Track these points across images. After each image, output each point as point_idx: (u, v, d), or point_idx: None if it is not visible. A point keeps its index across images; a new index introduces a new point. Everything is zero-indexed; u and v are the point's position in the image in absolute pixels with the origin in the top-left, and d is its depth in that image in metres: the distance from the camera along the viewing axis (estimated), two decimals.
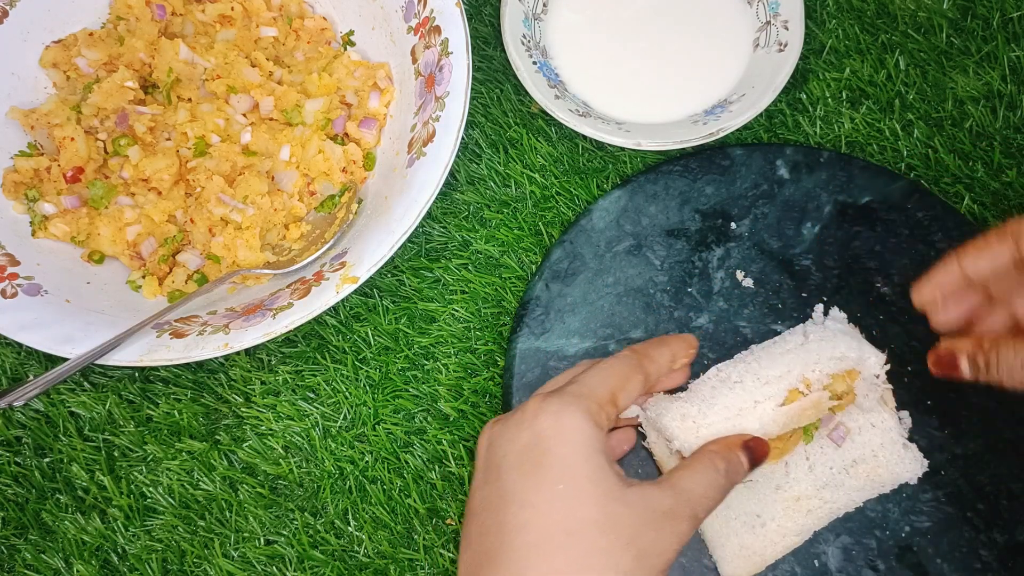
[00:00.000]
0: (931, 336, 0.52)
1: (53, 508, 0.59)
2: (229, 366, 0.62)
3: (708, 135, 0.62)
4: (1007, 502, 0.55)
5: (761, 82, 0.64)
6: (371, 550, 0.58)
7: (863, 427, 0.55)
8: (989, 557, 0.54)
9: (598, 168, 0.66)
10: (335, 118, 0.66)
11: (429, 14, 0.62)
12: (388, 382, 0.61)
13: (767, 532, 0.54)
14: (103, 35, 0.67)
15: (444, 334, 0.62)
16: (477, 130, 0.68)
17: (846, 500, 0.54)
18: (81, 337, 0.56)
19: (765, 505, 0.54)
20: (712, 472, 0.46)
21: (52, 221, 0.63)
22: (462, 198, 0.66)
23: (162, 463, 0.60)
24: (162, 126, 0.65)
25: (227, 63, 0.66)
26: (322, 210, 0.64)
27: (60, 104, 0.65)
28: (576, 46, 0.69)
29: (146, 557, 0.58)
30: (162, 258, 0.62)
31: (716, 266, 0.62)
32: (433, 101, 0.61)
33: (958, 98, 0.66)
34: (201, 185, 0.63)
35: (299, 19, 0.69)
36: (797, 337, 0.55)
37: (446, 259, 0.64)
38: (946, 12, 0.68)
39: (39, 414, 0.61)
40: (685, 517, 0.44)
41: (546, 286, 0.61)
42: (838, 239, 0.62)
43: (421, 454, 0.60)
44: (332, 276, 0.56)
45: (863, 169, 0.63)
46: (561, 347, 0.60)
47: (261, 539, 0.58)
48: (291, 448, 0.60)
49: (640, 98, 0.67)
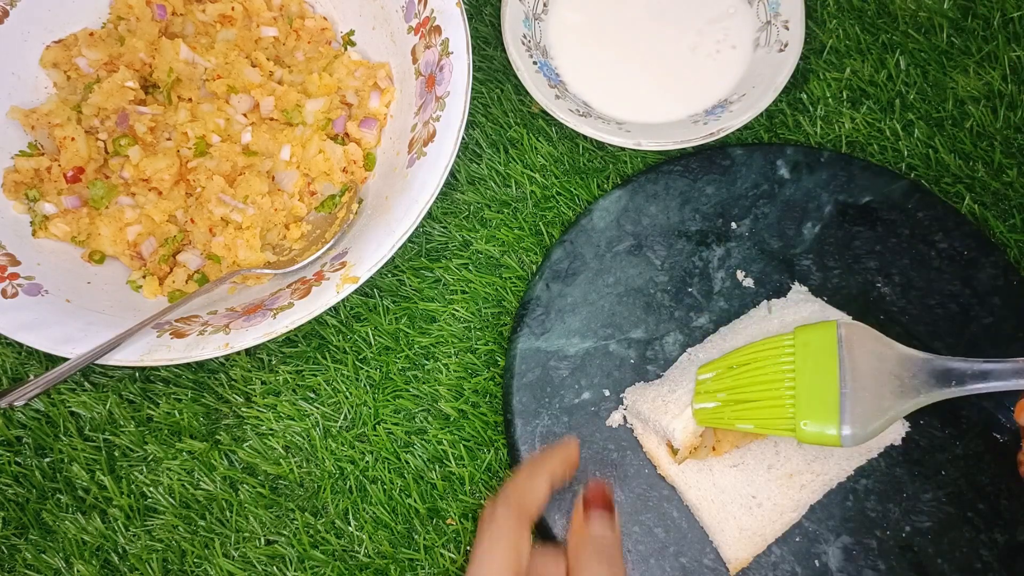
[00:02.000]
0: (931, 336, 0.52)
1: (53, 508, 0.59)
2: (229, 366, 0.62)
3: (708, 135, 0.62)
4: (1007, 502, 0.55)
5: (762, 82, 0.64)
6: (371, 550, 0.58)
7: None
8: (989, 557, 0.54)
9: (598, 168, 0.66)
10: (335, 118, 0.66)
11: (429, 14, 0.62)
12: (388, 382, 0.61)
13: (764, 512, 0.55)
14: (103, 35, 0.67)
15: (444, 334, 0.62)
16: (477, 130, 0.68)
17: (837, 470, 0.56)
18: (81, 337, 0.56)
19: (759, 486, 0.55)
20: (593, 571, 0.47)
21: (52, 221, 0.63)
22: (462, 198, 0.66)
23: (162, 463, 0.60)
24: (162, 126, 0.65)
25: (227, 63, 0.66)
26: (322, 210, 0.64)
27: (60, 104, 0.65)
28: (576, 46, 0.69)
29: (146, 557, 0.58)
30: (162, 258, 0.62)
31: (717, 266, 0.62)
32: (433, 101, 0.61)
33: (959, 98, 0.66)
34: (201, 185, 0.63)
35: (299, 19, 0.69)
36: (761, 311, 0.59)
37: (446, 259, 0.64)
38: (947, 12, 0.68)
39: (39, 414, 0.61)
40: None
41: (546, 286, 0.61)
42: (838, 239, 0.62)
43: (421, 454, 0.60)
44: (332, 276, 0.56)
45: (863, 169, 0.63)
46: (561, 347, 0.60)
47: (261, 539, 0.58)
48: (291, 448, 0.60)
49: (640, 98, 0.67)
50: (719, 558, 0.55)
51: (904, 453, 0.57)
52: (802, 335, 0.53)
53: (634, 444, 0.57)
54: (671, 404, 0.54)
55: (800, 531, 0.55)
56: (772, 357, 0.53)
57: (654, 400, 0.55)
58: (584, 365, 0.60)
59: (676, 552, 0.55)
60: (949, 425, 0.57)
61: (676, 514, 0.56)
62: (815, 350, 0.52)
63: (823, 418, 0.49)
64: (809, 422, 0.50)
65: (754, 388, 0.52)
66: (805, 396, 0.50)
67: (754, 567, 0.55)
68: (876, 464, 0.57)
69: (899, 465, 0.57)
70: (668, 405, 0.54)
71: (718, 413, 0.53)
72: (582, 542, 0.48)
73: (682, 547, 0.55)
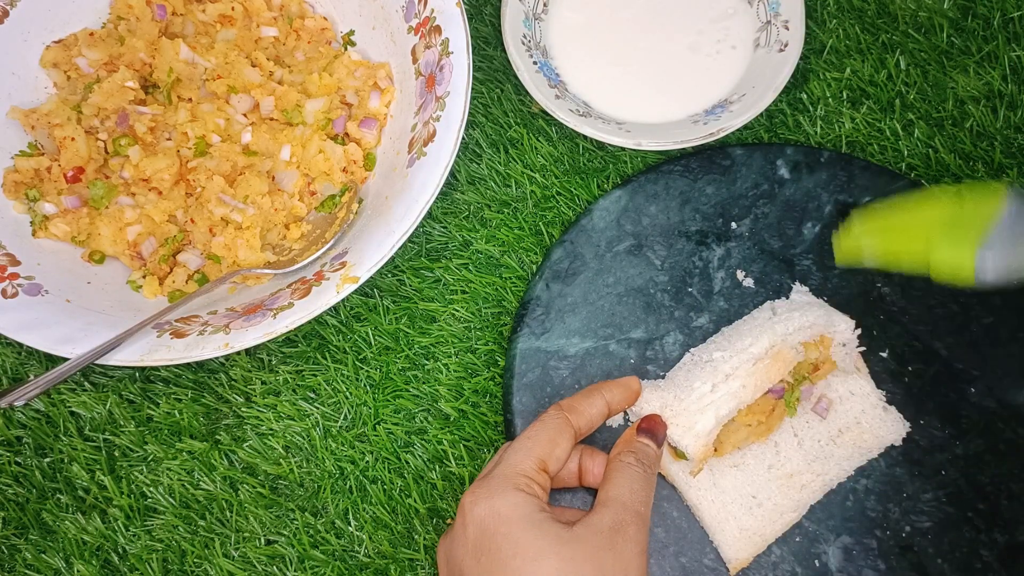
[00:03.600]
0: (931, 336, 0.52)
1: (54, 508, 0.59)
2: (229, 366, 0.62)
3: (708, 135, 0.62)
4: (1007, 502, 0.55)
5: (762, 82, 0.64)
6: (371, 550, 0.58)
7: (843, 396, 0.57)
8: (989, 557, 0.54)
9: (599, 168, 0.66)
10: (335, 118, 0.66)
11: (429, 14, 0.62)
12: (389, 382, 0.61)
13: (764, 512, 0.55)
14: (104, 35, 0.67)
15: (444, 334, 0.62)
16: (478, 130, 0.68)
17: (837, 471, 0.56)
18: (81, 337, 0.56)
19: (759, 486, 0.55)
20: (628, 469, 0.50)
21: (53, 221, 0.63)
22: (463, 198, 0.66)
23: (163, 463, 0.60)
24: (163, 126, 0.65)
25: (228, 63, 0.66)
26: (322, 210, 0.64)
27: (61, 104, 0.64)
28: (576, 46, 0.69)
29: (146, 557, 0.58)
30: (162, 258, 0.62)
31: (717, 266, 0.62)
32: (433, 101, 0.61)
33: (959, 98, 0.66)
34: (201, 185, 0.63)
35: (300, 19, 0.69)
36: (765, 312, 0.59)
37: (446, 259, 0.64)
38: (947, 12, 0.68)
39: (40, 414, 0.61)
40: (629, 521, 0.47)
41: (547, 286, 0.61)
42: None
43: (421, 454, 0.60)
44: (332, 276, 0.56)
45: (864, 169, 0.63)
46: (562, 347, 0.60)
47: (262, 539, 0.58)
48: (292, 448, 0.60)
49: (640, 98, 0.67)
50: (719, 558, 0.55)
51: (904, 453, 0.57)
52: (968, 188, 0.52)
53: None
54: (681, 415, 0.54)
55: (800, 531, 0.55)
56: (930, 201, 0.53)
57: (663, 410, 0.54)
58: (584, 365, 0.60)
59: (676, 552, 0.55)
60: (949, 425, 0.57)
61: (676, 514, 0.56)
62: (979, 198, 0.50)
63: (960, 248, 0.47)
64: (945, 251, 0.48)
65: (902, 220, 0.52)
66: (950, 232, 0.48)
67: (754, 567, 0.55)
68: (876, 464, 0.57)
69: (899, 465, 0.57)
70: (679, 416, 0.54)
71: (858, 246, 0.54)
72: (626, 445, 0.52)
73: (682, 547, 0.55)
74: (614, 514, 0.47)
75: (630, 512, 0.47)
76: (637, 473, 0.49)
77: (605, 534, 0.46)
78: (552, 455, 0.49)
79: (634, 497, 0.48)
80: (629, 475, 0.49)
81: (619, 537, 0.46)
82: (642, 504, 0.48)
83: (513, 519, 0.46)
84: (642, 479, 0.49)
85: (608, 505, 0.48)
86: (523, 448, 0.49)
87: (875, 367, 0.59)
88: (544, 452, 0.49)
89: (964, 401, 0.58)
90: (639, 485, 0.49)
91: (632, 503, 0.48)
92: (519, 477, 0.48)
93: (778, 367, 0.54)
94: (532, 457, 0.49)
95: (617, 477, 0.49)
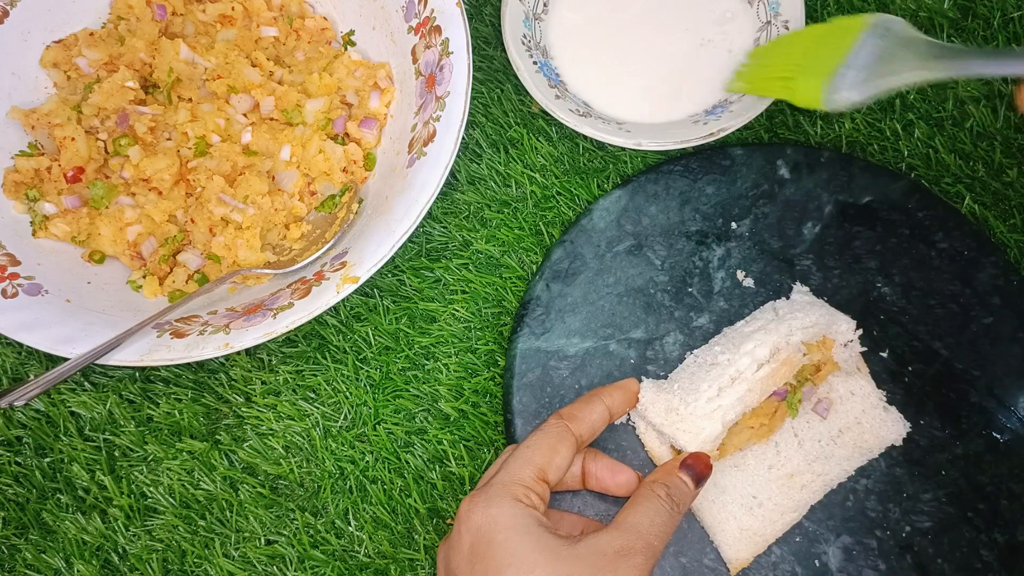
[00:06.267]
0: (931, 336, 0.52)
1: (54, 508, 0.59)
2: (230, 366, 0.62)
3: (709, 135, 0.62)
4: (1007, 502, 0.55)
5: None
6: (372, 550, 0.58)
7: (844, 396, 0.57)
8: (989, 557, 0.54)
9: (599, 168, 0.66)
10: (336, 118, 0.66)
11: (430, 14, 0.62)
12: (389, 382, 0.61)
13: (765, 512, 0.55)
14: (104, 35, 0.67)
15: (445, 334, 0.62)
16: (478, 130, 0.68)
17: (838, 471, 0.56)
18: (81, 337, 0.56)
19: (760, 486, 0.55)
20: (655, 501, 0.48)
21: (53, 221, 0.63)
22: (463, 198, 0.66)
23: (163, 463, 0.60)
24: (163, 126, 0.65)
25: (228, 63, 0.66)
26: (323, 210, 0.64)
27: (61, 104, 0.64)
28: (576, 46, 0.69)
29: (147, 557, 0.58)
30: (163, 258, 0.62)
31: (717, 266, 0.62)
32: (434, 101, 0.61)
33: (959, 98, 0.66)
34: (201, 185, 0.63)
35: (300, 19, 0.69)
36: (768, 313, 0.59)
37: (447, 259, 0.64)
38: (947, 12, 0.68)
39: (40, 414, 0.61)
40: (638, 551, 0.46)
41: (547, 286, 0.61)
42: (838, 239, 0.62)
43: (422, 454, 0.60)
44: (333, 276, 0.56)
45: (864, 169, 0.63)
46: (562, 347, 0.60)
47: (262, 539, 0.58)
48: (292, 448, 0.60)
49: (640, 98, 0.67)
50: (719, 558, 0.55)
51: (904, 453, 0.57)
52: (838, 20, 0.56)
53: (635, 443, 0.57)
54: (687, 419, 0.53)
55: (800, 531, 0.55)
56: (804, 34, 0.59)
57: (668, 414, 0.54)
58: (584, 365, 0.60)
59: (676, 552, 0.55)
60: (949, 425, 0.57)
61: None
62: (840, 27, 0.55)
63: (815, 78, 0.53)
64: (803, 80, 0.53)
65: (778, 54, 0.59)
66: (811, 61, 0.54)
67: (754, 567, 0.55)
68: (876, 464, 0.57)
69: (899, 465, 0.57)
70: (684, 421, 0.53)
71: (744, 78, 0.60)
72: (664, 476, 0.50)
73: (682, 547, 0.55)
74: (625, 539, 0.46)
75: (643, 541, 0.46)
76: (663, 507, 0.48)
77: (609, 556, 0.45)
78: (552, 464, 0.49)
79: (652, 529, 0.47)
80: (655, 507, 0.48)
81: (623, 563, 0.45)
82: (658, 538, 0.47)
83: (509, 529, 0.46)
84: (666, 514, 0.48)
85: (622, 529, 0.47)
86: (522, 457, 0.49)
87: (875, 367, 0.59)
88: (543, 462, 0.49)
89: (964, 401, 0.58)
90: (662, 519, 0.48)
91: (648, 534, 0.47)
92: (517, 487, 0.48)
93: (784, 371, 0.54)
94: (531, 467, 0.49)
95: (642, 505, 0.48)
